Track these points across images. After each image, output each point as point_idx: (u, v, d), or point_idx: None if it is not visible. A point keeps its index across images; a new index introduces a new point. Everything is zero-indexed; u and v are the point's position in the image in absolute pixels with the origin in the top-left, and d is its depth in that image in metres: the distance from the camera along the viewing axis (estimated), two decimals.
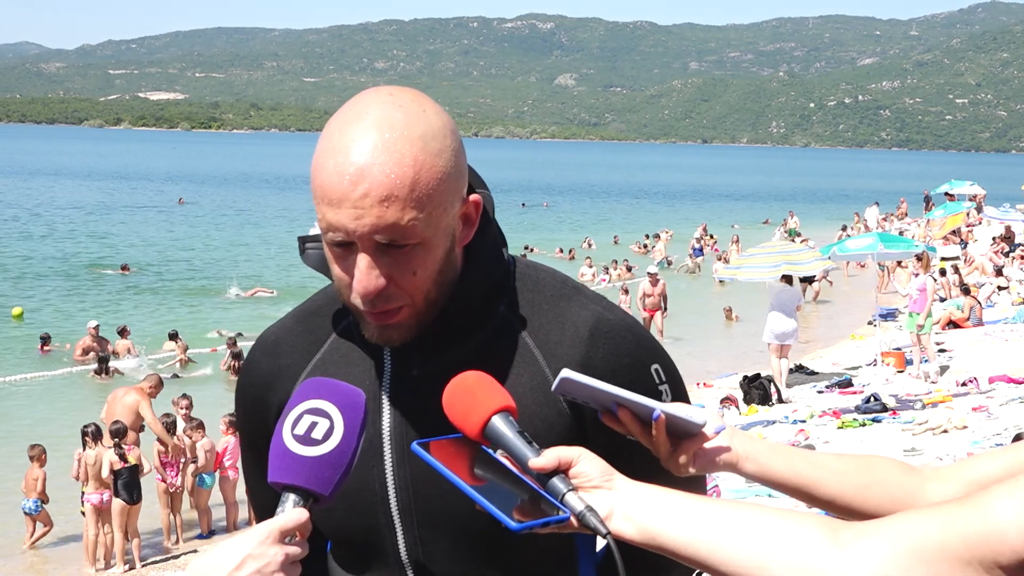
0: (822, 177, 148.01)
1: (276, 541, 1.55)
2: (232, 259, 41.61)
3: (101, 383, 21.03)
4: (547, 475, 1.61)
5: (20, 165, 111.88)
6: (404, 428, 1.88)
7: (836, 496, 1.77)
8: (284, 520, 1.57)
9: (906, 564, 1.38)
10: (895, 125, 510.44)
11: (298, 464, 1.60)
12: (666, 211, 72.17)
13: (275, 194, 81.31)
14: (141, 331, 25.52)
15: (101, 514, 12.56)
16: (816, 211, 68.91)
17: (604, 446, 1.81)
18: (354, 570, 2.01)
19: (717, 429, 1.75)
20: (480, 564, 1.90)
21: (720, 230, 50.97)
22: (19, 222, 53.71)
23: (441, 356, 1.88)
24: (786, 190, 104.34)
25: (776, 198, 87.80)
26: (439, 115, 1.77)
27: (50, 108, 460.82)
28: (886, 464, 1.83)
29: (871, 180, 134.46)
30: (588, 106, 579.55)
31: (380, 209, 1.68)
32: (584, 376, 1.69)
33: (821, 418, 16.27)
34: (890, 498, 1.76)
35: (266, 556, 1.53)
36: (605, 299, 2.00)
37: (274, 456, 1.63)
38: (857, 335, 25.37)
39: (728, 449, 1.76)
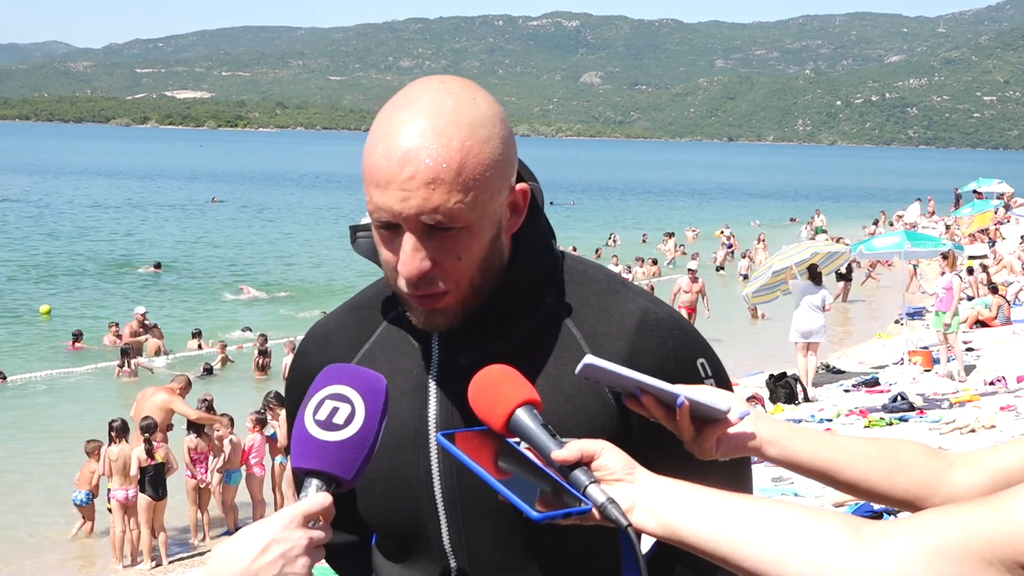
0: (848, 175, 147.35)
1: (300, 525, 1.56)
2: (263, 257, 41.80)
3: (127, 382, 21.14)
4: (570, 467, 1.62)
5: (48, 164, 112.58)
6: (450, 416, 1.89)
7: (860, 480, 1.76)
8: (308, 504, 1.58)
9: (928, 563, 1.38)
10: (922, 123, 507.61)
11: (320, 449, 1.61)
12: (692, 209, 72.02)
13: (302, 192, 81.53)
14: (173, 329, 25.63)
15: (127, 510, 12.63)
16: (843, 210, 68.59)
17: (649, 438, 1.85)
18: (398, 559, 2.02)
19: (741, 414, 1.75)
20: (522, 555, 1.90)
21: (743, 229, 50.78)
22: (49, 220, 54.08)
23: (488, 345, 1.89)
24: (812, 188, 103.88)
25: (803, 196, 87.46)
26: (489, 104, 1.80)
27: (78, 107, 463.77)
28: (911, 448, 1.82)
29: (898, 178, 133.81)
30: (613, 104, 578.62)
31: (426, 191, 1.70)
32: (606, 362, 1.70)
33: (848, 417, 16.18)
34: (915, 482, 1.75)
35: (290, 540, 1.54)
36: (652, 294, 2.01)
37: (296, 442, 1.64)
38: (884, 334, 25.25)
39: (752, 435, 1.75)
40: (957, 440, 14.08)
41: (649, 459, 1.70)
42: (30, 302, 30.43)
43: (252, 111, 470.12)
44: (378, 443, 1.66)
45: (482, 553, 1.91)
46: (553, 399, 1.85)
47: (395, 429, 1.89)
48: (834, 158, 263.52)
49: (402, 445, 1.92)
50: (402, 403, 1.92)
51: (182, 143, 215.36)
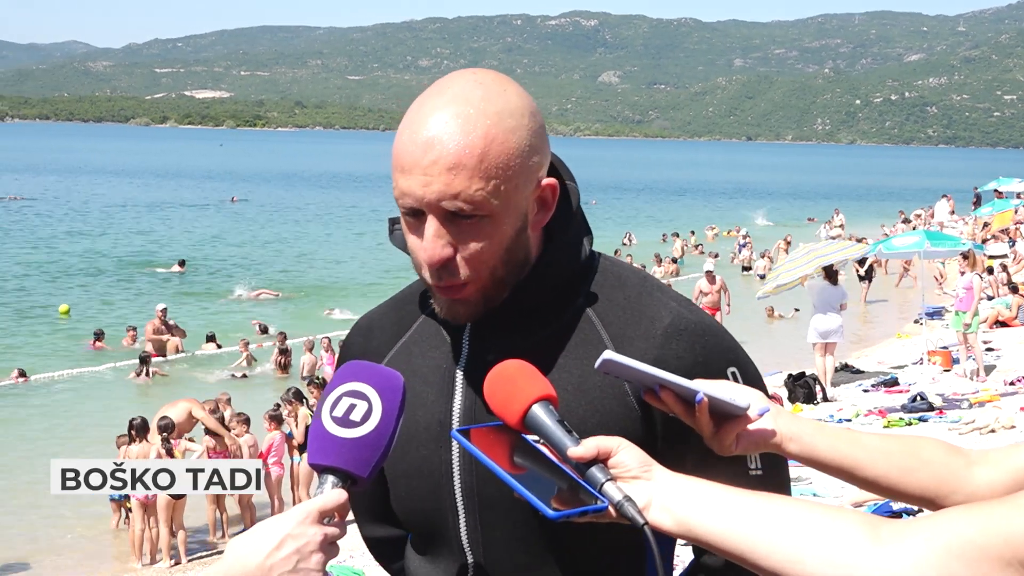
0: (868, 175, 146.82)
1: (315, 521, 1.56)
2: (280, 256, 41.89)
3: (144, 382, 21.19)
4: (586, 464, 1.61)
5: (68, 163, 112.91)
6: (474, 411, 1.89)
7: (880, 477, 1.75)
8: (323, 501, 1.58)
9: (946, 563, 1.37)
10: (942, 122, 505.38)
11: (336, 446, 1.61)
12: (710, 208, 71.87)
13: (320, 191, 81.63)
14: (193, 328, 25.68)
15: (146, 509, 12.67)
16: (862, 208, 68.38)
17: (673, 443, 1.85)
18: (422, 552, 2.04)
19: (761, 411, 1.74)
20: (540, 554, 1.89)
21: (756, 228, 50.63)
22: (70, 220, 54.21)
23: (516, 341, 1.88)
24: (831, 188, 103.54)
25: (821, 196, 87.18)
26: (520, 96, 1.81)
27: (97, 106, 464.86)
28: (932, 445, 1.80)
29: (918, 178, 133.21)
30: (632, 103, 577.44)
31: (448, 176, 1.72)
32: (626, 358, 1.70)
33: (867, 417, 16.14)
34: (935, 479, 1.74)
35: (305, 536, 1.54)
36: (687, 299, 1.98)
37: (313, 438, 1.65)
38: (903, 333, 25.16)
39: (772, 431, 1.74)
40: (977, 440, 14.02)
41: (677, 466, 1.69)
42: (51, 301, 30.51)
43: (271, 111, 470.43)
44: (395, 440, 1.65)
45: (498, 550, 1.90)
46: (576, 400, 1.85)
47: (421, 422, 1.92)
48: (853, 157, 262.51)
49: (427, 438, 1.92)
50: (430, 396, 1.94)
51: (201, 143, 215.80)
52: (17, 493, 14.67)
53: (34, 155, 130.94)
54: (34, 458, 16.27)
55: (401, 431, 1.68)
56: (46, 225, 51.44)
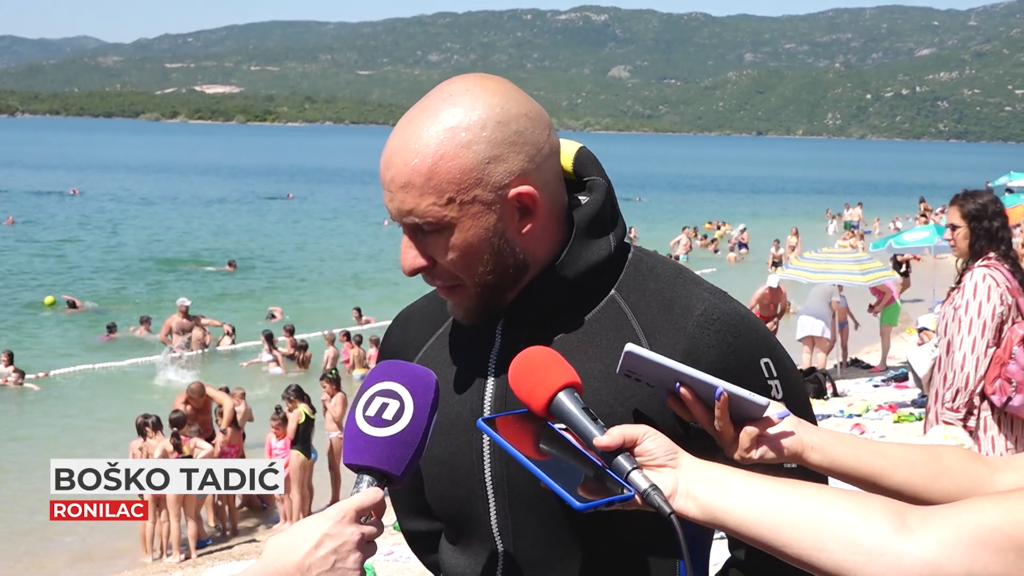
0: (879, 169, 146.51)
1: (352, 521, 1.58)
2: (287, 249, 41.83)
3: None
4: (612, 453, 1.60)
5: (79, 158, 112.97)
6: (505, 401, 1.89)
7: (903, 486, 1.73)
8: (359, 500, 1.60)
9: (971, 550, 1.37)
10: (953, 116, 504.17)
11: (370, 445, 1.63)
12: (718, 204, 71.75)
13: (330, 186, 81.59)
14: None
15: (158, 503, 12.67)
16: (873, 203, 68.16)
17: (701, 441, 1.82)
18: (454, 542, 2.05)
19: (781, 415, 1.73)
20: (569, 545, 1.89)
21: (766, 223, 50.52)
22: (104, 216, 53.84)
23: (548, 333, 1.89)
24: (842, 182, 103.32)
25: (831, 191, 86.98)
26: (490, 108, 1.79)
27: (107, 101, 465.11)
28: (954, 453, 1.80)
29: (929, 173, 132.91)
30: (642, 98, 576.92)
31: (402, 194, 1.78)
32: (646, 351, 1.70)
33: (877, 412, 16.10)
34: (958, 487, 1.72)
35: (342, 535, 1.56)
36: (721, 290, 1.98)
37: (348, 438, 1.66)
38: (913, 328, 25.04)
39: (793, 436, 1.73)
40: None
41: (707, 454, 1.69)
42: (89, 295, 30.28)
43: (281, 106, 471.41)
44: (428, 438, 1.67)
45: (528, 539, 1.91)
46: (605, 387, 1.84)
47: (454, 412, 1.93)
48: (864, 152, 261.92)
49: (459, 428, 1.94)
50: (462, 387, 1.96)
51: (211, 138, 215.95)
52: (28, 492, 14.67)
53: (67, 150, 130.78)
54: (42, 453, 16.30)
55: (435, 421, 1.70)
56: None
